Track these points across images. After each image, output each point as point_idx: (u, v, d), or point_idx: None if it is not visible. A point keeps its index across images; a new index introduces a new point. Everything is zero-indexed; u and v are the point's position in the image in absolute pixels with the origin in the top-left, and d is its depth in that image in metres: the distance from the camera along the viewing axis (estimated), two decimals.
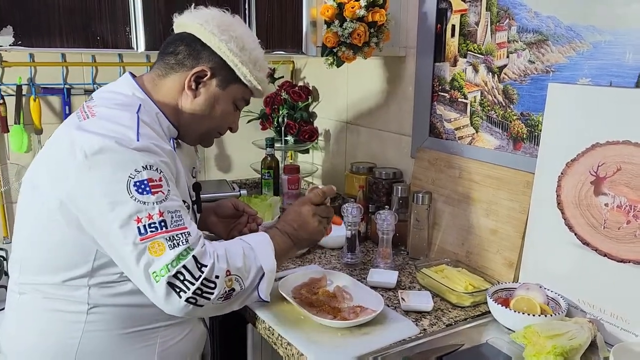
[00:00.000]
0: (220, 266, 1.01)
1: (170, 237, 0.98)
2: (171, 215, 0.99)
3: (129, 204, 0.97)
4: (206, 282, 0.98)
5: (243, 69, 1.16)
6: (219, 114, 1.20)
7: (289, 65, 2.41)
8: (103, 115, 1.06)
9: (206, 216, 1.42)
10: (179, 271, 0.96)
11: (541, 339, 1.06)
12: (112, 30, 1.63)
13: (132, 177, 0.97)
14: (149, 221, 0.97)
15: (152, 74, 1.19)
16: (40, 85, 1.99)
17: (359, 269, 1.54)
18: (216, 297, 1.00)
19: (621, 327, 1.14)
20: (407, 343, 1.15)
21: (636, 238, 1.11)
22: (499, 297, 1.27)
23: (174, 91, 1.17)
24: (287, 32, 1.69)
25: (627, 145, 1.12)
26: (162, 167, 1.02)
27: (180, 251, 0.97)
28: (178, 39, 1.18)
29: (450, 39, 1.60)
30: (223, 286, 1.01)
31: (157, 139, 1.06)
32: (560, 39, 1.31)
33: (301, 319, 1.23)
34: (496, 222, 1.45)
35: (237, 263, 1.05)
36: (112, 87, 1.17)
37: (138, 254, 0.96)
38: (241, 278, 1.05)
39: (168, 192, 1.01)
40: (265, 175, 2.06)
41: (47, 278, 1.07)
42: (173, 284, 0.96)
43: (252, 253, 1.09)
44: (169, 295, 0.97)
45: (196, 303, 0.98)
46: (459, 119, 1.61)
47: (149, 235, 0.96)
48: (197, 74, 1.15)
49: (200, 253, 0.99)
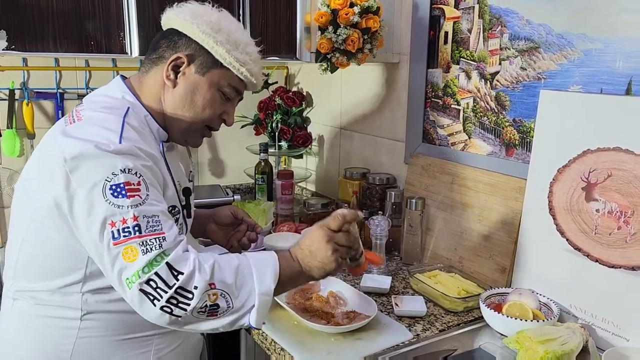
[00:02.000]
0: (202, 277, 0.94)
1: (143, 242, 0.94)
2: (147, 220, 0.95)
3: (103, 207, 0.94)
4: (181, 291, 0.93)
5: (220, 49, 1.10)
6: (202, 103, 1.14)
7: (283, 70, 2.41)
8: (88, 118, 1.04)
9: (205, 223, 1.41)
10: (150, 278, 0.92)
11: (533, 344, 1.06)
12: (106, 34, 1.62)
13: (109, 181, 0.95)
14: (123, 225, 0.94)
15: (138, 73, 1.17)
16: (34, 89, 1.99)
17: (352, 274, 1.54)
18: (194, 310, 0.94)
19: (612, 332, 1.15)
20: (400, 348, 1.15)
21: (627, 244, 1.13)
22: (491, 302, 1.28)
23: (156, 87, 1.14)
24: (281, 38, 1.69)
25: (617, 152, 1.14)
26: (142, 171, 0.99)
27: (153, 257, 0.93)
28: (161, 36, 1.17)
29: (443, 46, 1.61)
30: (204, 299, 0.94)
31: (141, 143, 1.04)
32: (551, 46, 1.32)
33: (295, 324, 1.23)
34: (489, 228, 1.45)
35: (225, 278, 0.97)
36: (102, 90, 1.16)
37: (112, 259, 0.94)
38: (229, 295, 0.96)
39: (146, 197, 0.97)
40: (259, 180, 2.06)
41: (41, 284, 1.06)
42: (145, 290, 0.93)
43: (247, 271, 1.00)
44: (143, 302, 0.93)
45: (172, 313, 0.93)
46: (452, 125, 1.62)
47: (122, 240, 0.94)
48: (174, 62, 1.11)
49: (176, 259, 0.94)
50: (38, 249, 1.06)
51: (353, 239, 1.11)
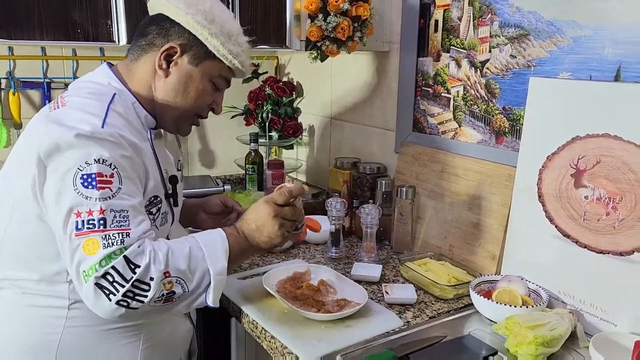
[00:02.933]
0: (157, 267, 0.95)
1: (106, 235, 0.93)
2: (114, 214, 0.94)
3: (70, 196, 0.93)
4: (138, 284, 0.93)
5: (214, 41, 1.10)
6: (194, 94, 1.14)
7: (273, 60, 2.40)
8: (72, 104, 1.03)
9: (195, 213, 1.40)
10: (107, 272, 0.91)
11: (522, 330, 1.07)
12: (93, 22, 1.60)
13: (81, 170, 0.94)
14: (88, 217, 0.93)
15: (126, 59, 1.17)
16: (20, 79, 1.96)
17: (343, 263, 1.55)
18: (151, 300, 0.94)
19: (600, 317, 1.16)
20: (390, 335, 1.15)
21: (615, 230, 1.13)
22: (481, 289, 1.28)
23: (146, 74, 1.13)
24: (270, 26, 1.68)
25: (606, 138, 1.14)
26: (117, 163, 0.98)
27: (113, 250, 0.92)
28: (149, 21, 1.15)
29: (433, 34, 1.60)
30: (160, 288, 0.95)
31: (125, 131, 1.02)
32: (541, 33, 1.32)
33: (285, 312, 1.23)
34: (479, 216, 1.46)
35: (179, 264, 0.98)
36: (88, 77, 1.14)
37: (72, 249, 0.93)
38: (184, 280, 0.98)
39: (117, 190, 0.96)
40: (249, 170, 2.05)
41: (26, 273, 1.05)
42: (101, 285, 0.92)
43: (199, 253, 1.02)
44: (98, 297, 0.92)
45: (129, 306, 0.93)
46: (442, 114, 1.62)
47: (84, 232, 0.92)
48: (167, 51, 1.11)
49: (134, 253, 0.94)
50: (21, 237, 1.05)
51: (298, 212, 1.15)
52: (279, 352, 1.12)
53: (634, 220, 1.10)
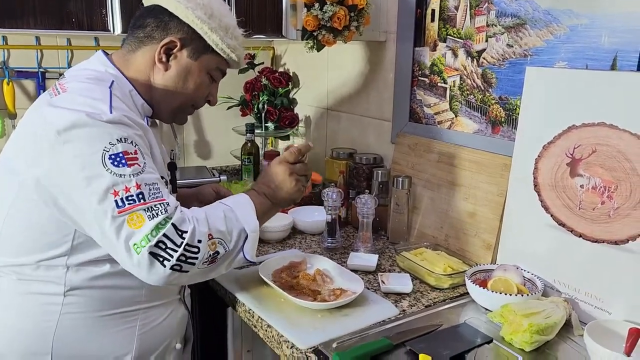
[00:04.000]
0: (201, 230, 0.99)
1: (149, 207, 0.96)
2: (149, 187, 0.97)
3: (105, 177, 0.95)
4: (189, 248, 0.97)
5: (214, 36, 1.12)
6: (193, 87, 1.17)
7: (269, 51, 2.39)
8: (74, 89, 1.03)
9: (188, 202, 1.40)
10: (159, 240, 0.95)
11: (518, 318, 1.08)
12: (88, 11, 1.59)
13: (107, 150, 0.96)
14: (127, 194, 0.95)
15: (122, 50, 1.16)
16: (14, 68, 1.95)
17: (339, 253, 1.55)
18: (201, 262, 0.99)
19: (595, 305, 1.16)
20: (386, 324, 1.16)
21: (610, 218, 1.14)
22: (477, 278, 1.29)
23: (144, 66, 1.14)
24: (266, 15, 1.67)
25: (602, 127, 1.14)
26: (136, 140, 1.00)
27: (159, 221, 0.95)
28: (146, 12, 1.15)
29: (430, 24, 1.60)
30: (207, 250, 0.99)
31: (130, 113, 1.04)
32: (538, 22, 1.32)
33: (281, 301, 1.23)
34: (474, 205, 1.46)
35: (218, 226, 1.03)
36: (84, 64, 1.14)
37: (117, 227, 0.94)
38: (224, 241, 1.03)
39: (144, 165, 0.99)
40: (246, 161, 2.05)
41: (24, 259, 1.05)
42: (156, 253, 0.95)
43: (233, 215, 1.07)
44: (152, 265, 0.95)
45: (181, 269, 0.97)
46: (438, 104, 1.62)
47: (127, 208, 0.95)
48: (167, 45, 1.12)
49: (179, 220, 0.98)
50: (23, 223, 1.04)
51: (308, 167, 1.24)
52: (275, 341, 1.12)
53: (629, 208, 1.10)
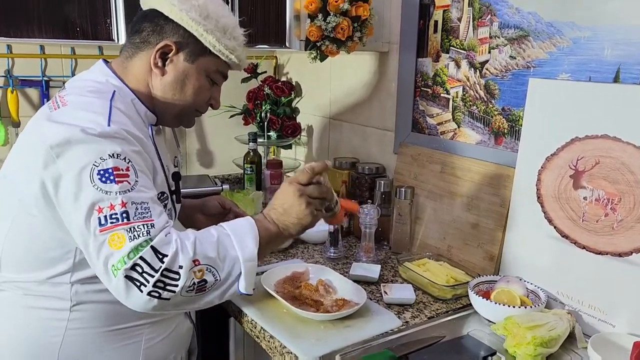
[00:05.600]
0: (185, 255, 0.94)
1: (131, 228, 0.92)
2: (136, 206, 0.94)
3: (90, 192, 0.92)
4: (167, 273, 0.92)
5: (210, 37, 1.09)
6: (192, 91, 1.14)
7: (272, 60, 2.40)
8: (74, 103, 1.01)
9: (193, 213, 1.40)
10: (136, 263, 0.90)
11: (521, 330, 1.07)
12: (92, 21, 1.60)
13: (97, 165, 0.93)
14: (111, 212, 0.92)
15: (121, 57, 1.15)
16: (18, 77, 1.95)
17: (341, 263, 1.55)
18: (183, 289, 0.93)
19: (599, 318, 1.16)
20: (389, 335, 1.15)
21: (614, 230, 1.14)
22: (480, 289, 1.28)
23: (142, 72, 1.12)
24: (270, 25, 1.68)
25: (605, 140, 1.14)
26: (131, 157, 0.97)
27: (140, 242, 0.91)
28: (142, 17, 1.13)
29: (433, 35, 1.61)
30: (190, 277, 0.93)
31: (130, 127, 1.01)
32: (541, 34, 1.33)
33: (284, 312, 1.23)
34: (477, 216, 1.46)
35: (208, 252, 0.97)
36: (85, 75, 1.13)
37: (98, 246, 0.92)
38: (214, 268, 0.97)
39: (135, 183, 0.96)
40: (248, 170, 2.05)
41: (28, 275, 1.04)
42: (131, 277, 0.91)
43: (228, 240, 1.01)
44: (129, 289, 0.91)
45: (160, 296, 0.92)
46: (441, 114, 1.62)
47: (109, 227, 0.91)
48: (162, 49, 1.09)
49: (161, 242, 0.93)
50: (25, 239, 1.03)
51: (325, 189, 1.12)
52: (277, 352, 1.12)
53: (633, 221, 1.10)
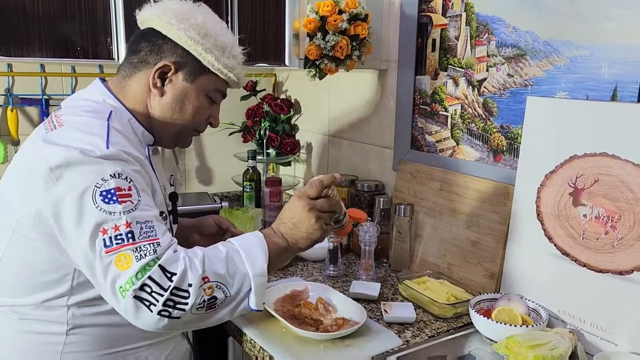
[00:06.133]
0: (194, 273, 0.93)
1: (137, 248, 0.91)
2: (140, 226, 0.93)
3: (94, 214, 0.91)
4: (177, 292, 0.91)
5: (209, 56, 1.09)
6: (192, 110, 1.13)
7: (271, 78, 2.41)
8: (71, 123, 1.00)
9: (189, 233, 1.38)
10: (144, 283, 0.89)
11: (523, 349, 1.06)
12: (93, 40, 1.61)
13: (99, 187, 0.92)
14: (115, 232, 0.91)
15: (118, 76, 1.14)
16: (18, 95, 1.96)
17: (341, 281, 1.54)
18: (193, 307, 0.92)
19: (601, 337, 1.15)
20: (390, 355, 1.14)
21: (614, 248, 1.13)
22: (480, 307, 1.27)
23: (140, 92, 1.11)
24: (269, 44, 1.69)
25: (604, 157, 1.14)
26: (132, 176, 0.96)
27: (147, 262, 0.90)
28: (140, 36, 1.12)
29: (431, 53, 1.62)
30: (200, 294, 0.93)
31: (128, 147, 1.00)
32: (538, 53, 1.34)
33: (283, 331, 1.21)
34: (477, 234, 1.46)
35: (217, 269, 0.96)
36: (81, 94, 1.12)
37: (105, 268, 0.90)
38: (224, 285, 0.96)
39: (138, 202, 0.95)
40: (247, 187, 2.05)
41: (23, 299, 1.02)
42: (140, 297, 0.90)
43: (238, 256, 1.00)
44: (139, 310, 0.90)
45: (170, 315, 0.91)
46: (440, 132, 1.63)
47: (114, 248, 0.90)
48: (161, 69, 1.08)
49: (169, 261, 0.92)
50: (21, 262, 1.02)
51: (334, 202, 1.12)
52: None
53: (633, 239, 1.10)
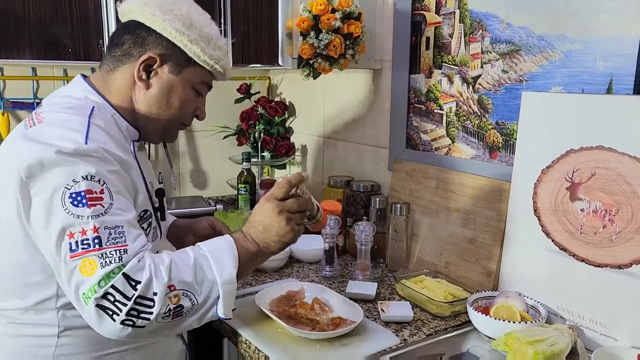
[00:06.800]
0: (159, 281, 0.90)
1: (103, 254, 0.88)
2: (109, 231, 0.90)
3: (61, 217, 0.89)
4: (141, 300, 0.88)
5: (194, 48, 1.06)
6: (178, 104, 1.10)
7: (265, 81, 2.40)
8: (50, 120, 0.97)
9: (183, 235, 1.36)
10: (107, 292, 0.87)
11: (522, 345, 1.05)
12: (84, 42, 1.60)
13: (69, 188, 0.89)
14: (82, 237, 0.88)
15: (101, 71, 1.10)
16: (10, 99, 1.94)
17: (337, 282, 1.52)
18: (158, 316, 0.90)
19: (601, 332, 1.14)
20: (387, 353, 1.12)
21: (612, 242, 1.12)
22: (478, 305, 1.26)
23: (125, 86, 1.07)
24: (262, 44, 1.68)
25: (600, 151, 1.14)
26: (106, 178, 0.93)
27: (111, 269, 0.88)
28: (122, 28, 1.09)
29: (425, 51, 1.61)
30: (166, 303, 0.90)
31: (109, 145, 0.97)
32: (532, 48, 1.33)
33: (279, 332, 1.20)
34: (474, 231, 1.44)
35: (184, 276, 0.93)
36: (63, 91, 1.08)
37: (69, 272, 0.88)
38: (192, 293, 0.93)
39: (109, 206, 0.91)
40: (242, 190, 2.03)
41: (12, 303, 1.00)
42: (102, 306, 0.87)
43: (206, 262, 0.97)
44: (101, 318, 0.88)
45: (134, 325, 0.88)
46: (435, 130, 1.62)
47: (80, 252, 0.88)
48: (146, 62, 1.05)
49: (134, 269, 0.89)
50: (5, 264, 0.99)
51: (303, 201, 1.08)
52: None
53: (631, 232, 1.09)
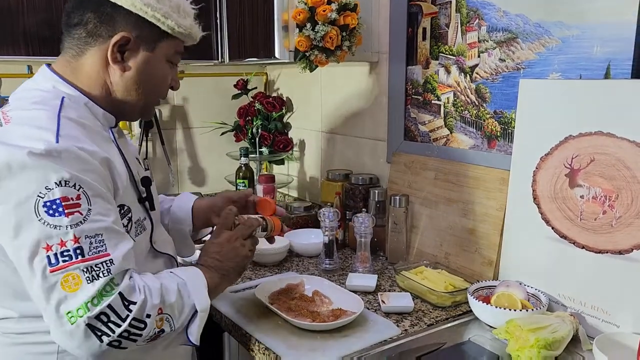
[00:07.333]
0: (153, 302, 0.88)
1: (88, 267, 0.83)
2: (90, 240, 0.85)
3: (36, 228, 0.82)
4: (135, 322, 0.85)
5: (168, 22, 0.99)
6: (156, 80, 1.05)
7: (262, 77, 2.40)
8: (17, 119, 0.90)
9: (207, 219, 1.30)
10: (102, 312, 0.83)
11: (524, 333, 1.04)
12: None
13: (42, 196, 0.83)
14: (62, 249, 0.83)
15: (65, 56, 1.01)
16: (5, 97, 1.93)
17: (337, 275, 1.51)
18: (144, 339, 0.88)
19: (602, 319, 1.13)
20: (388, 344, 1.12)
21: (613, 228, 1.11)
22: (479, 295, 1.25)
23: (96, 70, 0.99)
24: (259, 38, 1.68)
25: (599, 136, 1.13)
26: (82, 181, 0.86)
27: (103, 285, 0.84)
28: (79, 5, 0.99)
29: (421, 42, 1.60)
30: (153, 326, 0.88)
31: (83, 140, 0.90)
32: (529, 36, 1.32)
33: (279, 324, 1.19)
34: (474, 222, 1.44)
35: (171, 300, 0.92)
36: (29, 84, 1.01)
37: (48, 288, 0.83)
38: (172, 317, 0.92)
39: (88, 212, 0.85)
40: (240, 185, 2.02)
41: (4, 311, 0.96)
42: (94, 326, 0.83)
43: (185, 290, 0.96)
44: (87, 338, 0.83)
45: (119, 346, 0.85)
46: (433, 121, 1.61)
47: (61, 266, 0.82)
48: (119, 42, 0.97)
49: (128, 288, 0.86)
50: None
51: (249, 223, 1.15)
52: None
53: (632, 217, 1.08)
